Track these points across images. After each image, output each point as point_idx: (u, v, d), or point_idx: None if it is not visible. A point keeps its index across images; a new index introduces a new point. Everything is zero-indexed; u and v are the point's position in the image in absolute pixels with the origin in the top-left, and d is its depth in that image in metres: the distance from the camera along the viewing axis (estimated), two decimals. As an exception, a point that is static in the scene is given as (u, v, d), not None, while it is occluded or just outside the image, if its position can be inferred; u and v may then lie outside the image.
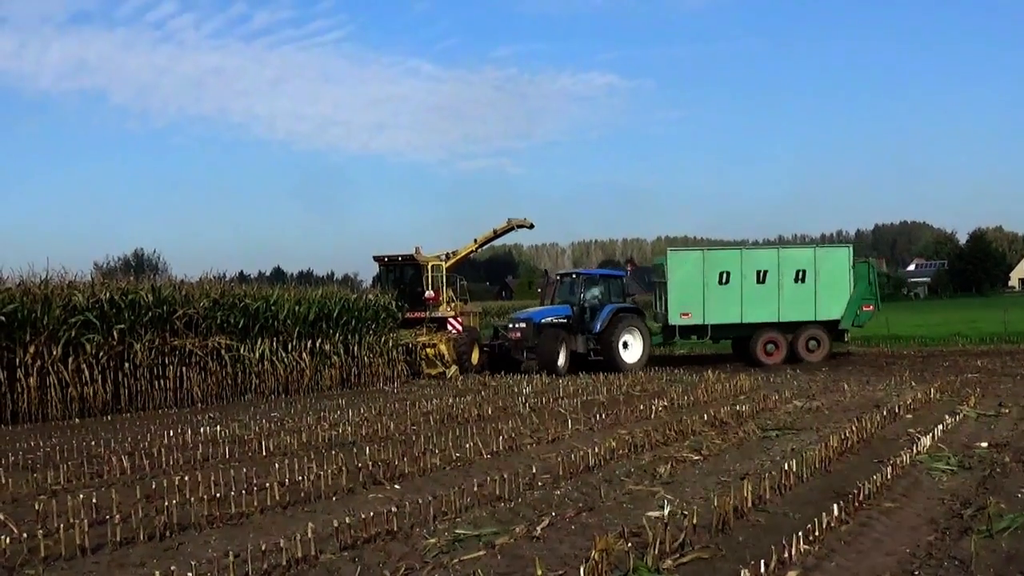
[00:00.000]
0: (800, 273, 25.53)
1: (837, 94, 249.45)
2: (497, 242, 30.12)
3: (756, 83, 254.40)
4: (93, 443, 11.88)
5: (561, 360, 23.17)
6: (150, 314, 17.47)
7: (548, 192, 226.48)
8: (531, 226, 27.77)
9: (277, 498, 8.01)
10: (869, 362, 25.17)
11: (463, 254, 27.10)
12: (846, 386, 17.46)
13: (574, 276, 25.81)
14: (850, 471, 8.93)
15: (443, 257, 26.14)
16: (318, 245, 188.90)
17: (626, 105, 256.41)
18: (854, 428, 10.83)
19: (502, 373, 22.86)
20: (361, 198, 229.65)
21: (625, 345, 24.17)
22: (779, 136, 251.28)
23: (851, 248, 27.08)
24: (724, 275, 25.40)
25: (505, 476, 8.33)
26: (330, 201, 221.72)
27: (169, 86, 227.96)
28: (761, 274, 25.47)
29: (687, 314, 25.35)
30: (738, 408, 13.75)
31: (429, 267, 25.12)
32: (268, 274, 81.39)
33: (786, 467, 8.32)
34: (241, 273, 41.08)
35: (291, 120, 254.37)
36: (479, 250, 28.81)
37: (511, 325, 24.15)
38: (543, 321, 23.77)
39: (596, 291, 24.93)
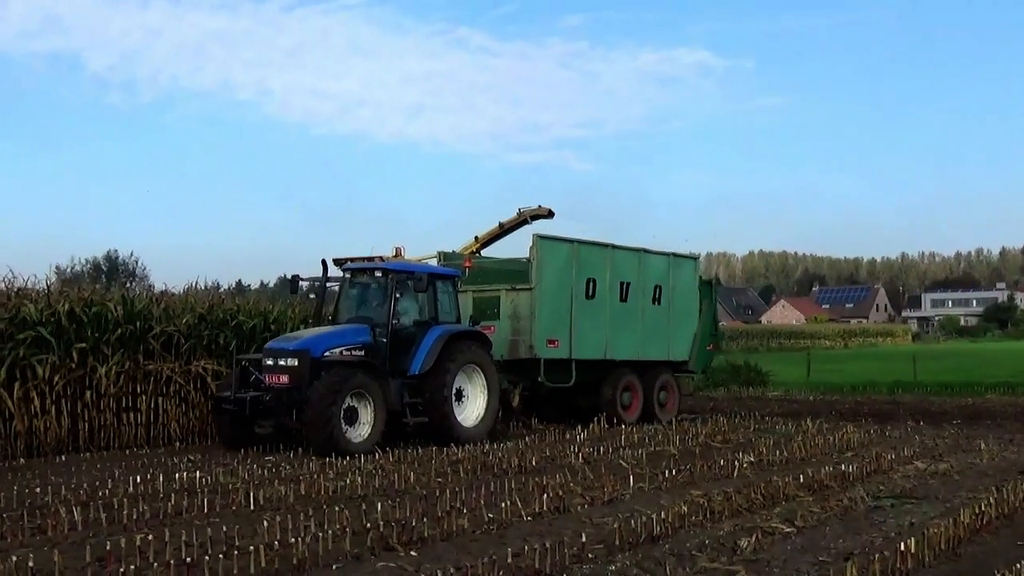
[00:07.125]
0: (657, 290, 22.27)
1: (987, 77, 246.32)
2: None
3: (880, 65, 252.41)
4: (39, 490, 11.97)
5: (365, 430, 16.10)
6: (119, 331, 17.63)
7: (619, 193, 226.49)
8: (549, 213, 26.06)
9: (263, 564, 8.02)
10: (1013, 415, 24.66)
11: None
12: (983, 445, 17.19)
13: (378, 274, 18.05)
14: (986, 555, 8.77)
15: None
16: (335, 250, 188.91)
17: (720, 90, 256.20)
18: (992, 499, 10.64)
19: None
20: (390, 194, 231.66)
21: (460, 396, 17.87)
22: (909, 131, 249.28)
23: (698, 261, 24.33)
24: (591, 284, 20.79)
25: (548, 544, 8.29)
26: (352, 196, 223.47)
27: (161, 52, 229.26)
28: (624, 288, 21.51)
29: (554, 341, 20.08)
30: (843, 468, 13.60)
31: None
32: (271, 285, 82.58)
33: (902, 546, 8.18)
34: (239, 283, 41.44)
35: (310, 98, 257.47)
36: (481, 251, 25.95)
37: (269, 361, 16.67)
38: (327, 355, 16.57)
39: (415, 302, 18.08)
